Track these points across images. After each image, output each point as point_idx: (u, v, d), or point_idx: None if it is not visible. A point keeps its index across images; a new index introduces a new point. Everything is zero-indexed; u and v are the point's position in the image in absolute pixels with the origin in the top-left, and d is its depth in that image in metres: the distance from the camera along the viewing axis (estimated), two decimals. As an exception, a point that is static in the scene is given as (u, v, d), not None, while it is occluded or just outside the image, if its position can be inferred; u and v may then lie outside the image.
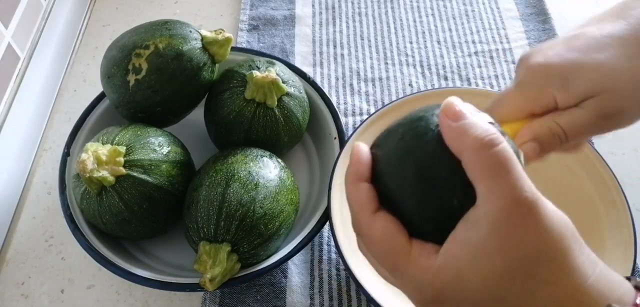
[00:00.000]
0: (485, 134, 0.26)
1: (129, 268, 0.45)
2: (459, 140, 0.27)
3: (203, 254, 0.44)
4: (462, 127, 0.27)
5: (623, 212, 0.48)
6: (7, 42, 0.60)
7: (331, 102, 0.57)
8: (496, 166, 0.25)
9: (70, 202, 0.49)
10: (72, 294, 0.51)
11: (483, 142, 0.26)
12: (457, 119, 0.27)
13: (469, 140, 0.26)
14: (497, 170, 0.25)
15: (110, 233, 0.48)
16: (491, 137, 0.26)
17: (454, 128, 0.27)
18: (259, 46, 0.70)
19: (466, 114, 0.27)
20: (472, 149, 0.26)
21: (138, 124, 0.50)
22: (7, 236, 0.55)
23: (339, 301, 0.50)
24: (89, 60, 0.70)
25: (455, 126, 0.27)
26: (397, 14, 0.75)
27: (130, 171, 0.45)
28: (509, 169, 0.25)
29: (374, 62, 0.69)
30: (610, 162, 0.51)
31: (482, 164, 0.26)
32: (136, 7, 0.77)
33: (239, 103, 0.51)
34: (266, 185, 0.46)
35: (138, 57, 0.49)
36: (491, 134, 0.26)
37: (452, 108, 0.27)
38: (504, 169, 0.25)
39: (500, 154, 0.26)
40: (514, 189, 0.25)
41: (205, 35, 0.52)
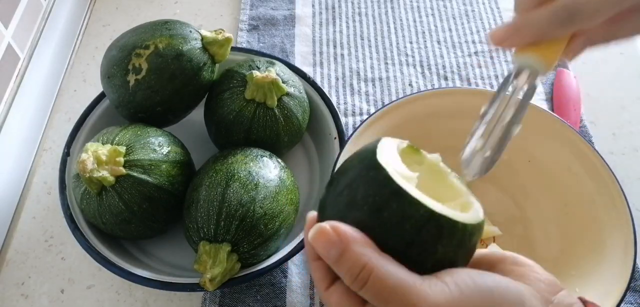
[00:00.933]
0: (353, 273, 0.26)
1: (129, 268, 0.45)
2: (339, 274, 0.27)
3: (203, 254, 0.44)
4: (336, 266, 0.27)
5: (623, 212, 0.48)
6: (7, 42, 0.60)
7: (331, 102, 0.57)
8: (379, 300, 0.26)
9: (70, 202, 0.49)
10: (72, 294, 0.51)
11: (356, 282, 0.26)
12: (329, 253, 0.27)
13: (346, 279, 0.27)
14: (381, 303, 0.26)
15: (110, 233, 0.48)
16: (361, 275, 0.26)
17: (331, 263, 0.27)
18: (259, 46, 0.70)
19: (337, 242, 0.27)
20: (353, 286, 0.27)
21: (138, 124, 0.50)
22: (7, 236, 0.55)
23: (339, 301, 0.49)
24: (89, 60, 0.70)
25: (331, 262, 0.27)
26: (397, 14, 0.75)
27: (130, 171, 0.45)
28: (390, 300, 0.26)
29: (374, 62, 0.69)
30: (610, 162, 0.51)
31: (367, 296, 0.27)
32: (136, 7, 0.77)
33: (239, 103, 0.51)
34: (266, 185, 0.46)
35: (138, 57, 0.49)
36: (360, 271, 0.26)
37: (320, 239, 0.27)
38: (386, 301, 0.26)
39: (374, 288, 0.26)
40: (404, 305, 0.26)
41: (205, 35, 0.52)
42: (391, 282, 0.26)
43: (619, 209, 0.49)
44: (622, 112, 0.64)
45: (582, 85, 0.65)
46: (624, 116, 0.64)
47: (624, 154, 0.60)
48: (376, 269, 0.26)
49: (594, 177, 0.51)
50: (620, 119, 0.64)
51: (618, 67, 0.69)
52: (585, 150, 0.52)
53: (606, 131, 0.62)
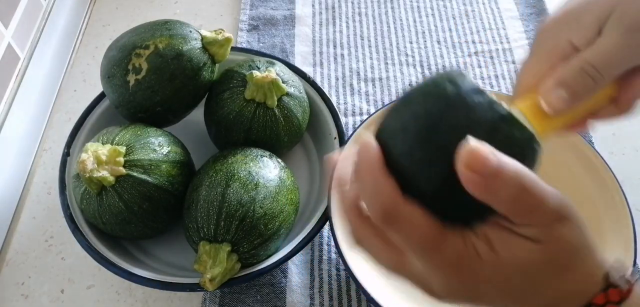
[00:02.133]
0: (513, 183, 0.26)
1: (129, 268, 0.45)
2: (492, 191, 0.26)
3: (203, 254, 0.44)
4: (493, 181, 0.26)
5: (623, 212, 0.48)
6: (7, 42, 0.60)
7: (331, 102, 0.57)
8: (533, 207, 0.27)
9: (70, 202, 0.49)
10: (72, 294, 0.51)
11: (514, 194, 0.26)
12: (484, 170, 0.26)
13: (502, 194, 0.26)
14: (535, 210, 0.27)
15: (110, 233, 0.48)
16: (526, 185, 0.26)
17: (483, 182, 0.26)
18: (259, 46, 0.70)
19: (491, 161, 0.26)
20: (507, 202, 0.26)
21: (138, 124, 0.50)
22: (7, 236, 0.55)
23: (339, 301, 0.50)
24: (89, 60, 0.70)
25: (485, 180, 0.26)
26: (397, 14, 0.75)
27: (130, 171, 0.45)
28: (545, 202, 0.27)
29: (374, 62, 0.69)
30: (610, 162, 0.51)
31: (519, 210, 0.27)
32: (136, 7, 0.77)
33: (239, 103, 0.51)
34: (266, 185, 0.46)
35: (138, 57, 0.49)
36: (520, 181, 0.26)
37: (476, 159, 0.26)
38: (540, 206, 0.27)
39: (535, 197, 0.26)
40: (554, 213, 0.27)
41: (205, 35, 0.52)
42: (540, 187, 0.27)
43: (619, 209, 0.49)
44: (622, 112, 0.64)
45: (582, 85, 0.65)
46: (624, 116, 0.64)
47: (624, 154, 0.60)
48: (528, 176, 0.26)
49: (594, 177, 0.51)
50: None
51: (618, 67, 0.69)
52: (586, 150, 0.52)
53: (606, 131, 0.62)
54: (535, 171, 0.28)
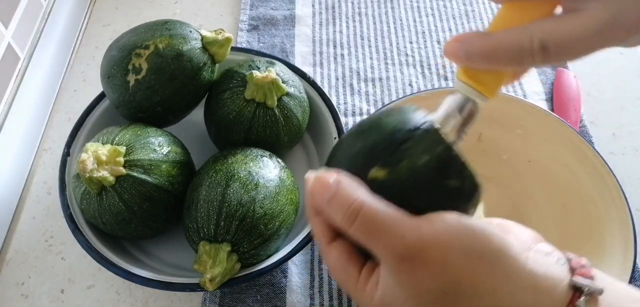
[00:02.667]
0: (346, 206, 0.27)
1: (129, 268, 0.45)
2: (332, 218, 0.28)
3: (203, 254, 0.44)
4: (328, 209, 0.28)
5: (623, 212, 0.48)
6: (7, 42, 0.60)
7: (331, 102, 0.57)
8: (368, 233, 0.27)
9: (70, 202, 0.49)
10: (72, 294, 0.51)
11: (346, 218, 0.27)
12: (322, 198, 0.28)
13: (337, 219, 0.28)
14: (370, 236, 0.27)
15: (110, 233, 0.48)
16: (351, 209, 0.27)
17: (325, 206, 0.28)
18: (259, 46, 0.70)
19: (327, 187, 0.28)
20: (343, 224, 0.28)
21: (138, 124, 0.50)
22: (7, 236, 0.55)
23: (339, 301, 0.50)
24: (89, 60, 0.70)
25: (324, 210, 0.29)
26: (397, 14, 0.75)
27: (130, 171, 0.45)
28: (379, 231, 0.27)
29: (374, 62, 0.69)
30: (610, 162, 0.51)
31: (357, 235, 0.27)
32: (136, 7, 0.77)
33: (239, 103, 0.51)
34: (266, 185, 0.46)
35: (138, 57, 0.49)
36: (351, 205, 0.27)
37: (319, 184, 0.28)
38: (374, 233, 0.27)
39: (364, 221, 0.27)
40: (392, 248, 0.26)
41: (205, 35, 0.52)
42: (380, 216, 0.27)
43: (619, 209, 0.49)
44: (622, 112, 0.64)
45: (582, 85, 0.65)
46: (624, 116, 0.64)
47: (624, 154, 0.60)
48: (366, 204, 0.27)
49: (594, 177, 0.51)
50: (621, 119, 0.64)
51: (618, 67, 0.69)
52: (585, 150, 0.52)
53: (606, 131, 0.62)
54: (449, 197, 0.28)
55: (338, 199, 0.28)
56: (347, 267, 0.30)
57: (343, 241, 0.30)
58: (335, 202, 0.28)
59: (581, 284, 0.27)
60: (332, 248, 0.30)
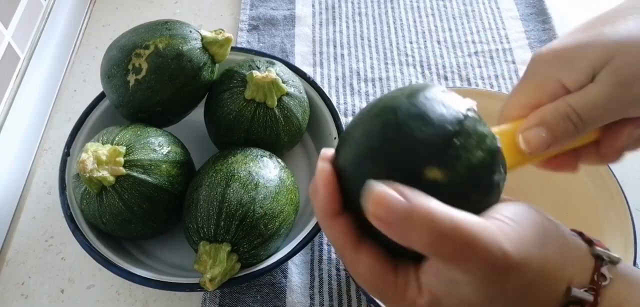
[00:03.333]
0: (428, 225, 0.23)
1: (129, 268, 0.45)
2: (405, 239, 0.24)
3: (203, 254, 0.44)
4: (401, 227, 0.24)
5: (623, 212, 0.48)
6: (7, 42, 0.60)
7: (331, 102, 0.57)
8: (459, 251, 0.23)
9: (70, 202, 0.49)
10: (72, 294, 0.51)
11: (432, 238, 0.23)
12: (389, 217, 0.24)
13: (415, 237, 0.24)
14: (461, 253, 0.23)
15: (110, 233, 0.48)
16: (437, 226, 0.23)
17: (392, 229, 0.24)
18: (259, 46, 0.70)
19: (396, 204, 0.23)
20: (425, 246, 0.24)
21: (138, 124, 0.50)
22: (7, 236, 0.55)
23: (339, 301, 0.50)
24: (89, 60, 0.70)
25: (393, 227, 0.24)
26: (397, 13, 0.75)
27: (130, 171, 0.45)
28: (473, 247, 0.23)
29: (374, 62, 0.69)
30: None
31: (443, 253, 0.24)
32: (136, 7, 0.77)
33: (239, 103, 0.51)
34: (266, 185, 0.46)
35: (138, 57, 0.49)
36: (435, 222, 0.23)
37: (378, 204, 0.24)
38: (467, 249, 0.23)
39: (454, 239, 0.23)
40: (488, 262, 0.24)
41: (205, 35, 0.52)
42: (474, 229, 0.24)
43: (618, 209, 0.49)
44: (622, 112, 0.64)
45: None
46: (624, 116, 0.64)
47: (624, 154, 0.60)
48: (455, 221, 0.23)
49: (593, 177, 0.51)
50: (620, 119, 0.63)
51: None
52: (585, 150, 0.52)
53: (606, 131, 0.62)
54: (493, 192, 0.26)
55: (418, 219, 0.23)
56: (384, 274, 0.26)
57: (371, 244, 0.27)
58: (413, 218, 0.23)
59: (602, 253, 0.27)
60: (362, 255, 0.26)
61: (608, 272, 0.26)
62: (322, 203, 0.27)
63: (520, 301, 0.25)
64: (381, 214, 0.24)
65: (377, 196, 0.24)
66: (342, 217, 0.27)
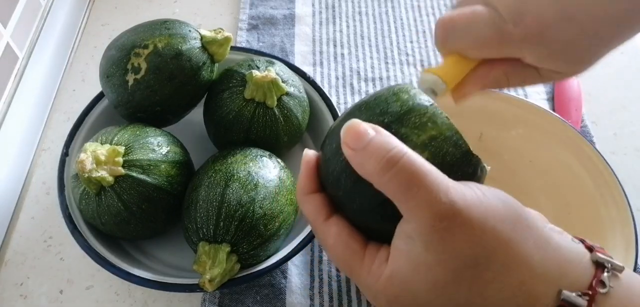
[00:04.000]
0: (383, 154, 0.25)
1: (128, 269, 0.45)
2: (363, 168, 0.26)
3: (202, 254, 0.43)
4: (362, 153, 0.25)
5: (624, 212, 0.48)
6: (5, 41, 0.59)
7: (331, 102, 0.56)
8: (405, 185, 0.24)
9: (69, 202, 0.49)
10: (71, 294, 0.50)
11: (383, 164, 0.25)
12: (356, 144, 0.26)
13: (370, 165, 0.25)
14: (408, 188, 0.24)
15: (109, 233, 0.48)
16: (390, 155, 0.25)
17: (355, 156, 0.26)
18: (259, 45, 0.70)
19: (364, 134, 0.26)
20: (377, 174, 0.25)
21: (137, 124, 0.49)
22: (5, 236, 0.54)
23: (339, 302, 0.49)
24: (87, 59, 0.70)
25: (356, 154, 0.26)
26: (397, 13, 0.75)
27: (129, 171, 0.45)
28: (419, 184, 0.24)
29: (375, 62, 0.69)
30: (611, 162, 0.51)
31: (391, 185, 0.25)
32: (135, 6, 0.77)
33: (239, 103, 0.51)
34: (266, 185, 0.45)
35: (137, 57, 0.49)
36: (390, 152, 0.25)
37: (351, 132, 0.26)
38: (413, 185, 0.24)
39: (404, 171, 0.24)
40: (431, 204, 0.24)
41: (204, 35, 0.52)
42: (424, 168, 0.24)
43: (620, 210, 0.49)
44: (624, 112, 0.64)
45: (583, 85, 0.65)
46: (626, 116, 0.64)
47: (625, 154, 0.60)
48: (408, 153, 0.25)
49: (595, 177, 0.51)
50: (622, 118, 0.63)
51: (620, 67, 0.69)
52: (587, 150, 0.52)
53: (607, 131, 0.62)
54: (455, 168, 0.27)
55: (376, 143, 0.25)
56: (350, 243, 0.28)
57: (342, 218, 0.28)
58: (372, 146, 0.25)
59: (603, 260, 0.26)
60: (331, 224, 0.28)
61: (609, 281, 0.26)
62: (300, 182, 0.30)
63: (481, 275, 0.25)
64: (349, 140, 0.26)
65: (351, 124, 0.26)
66: (317, 194, 0.29)
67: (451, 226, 0.24)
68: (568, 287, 0.25)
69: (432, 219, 0.24)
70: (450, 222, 0.24)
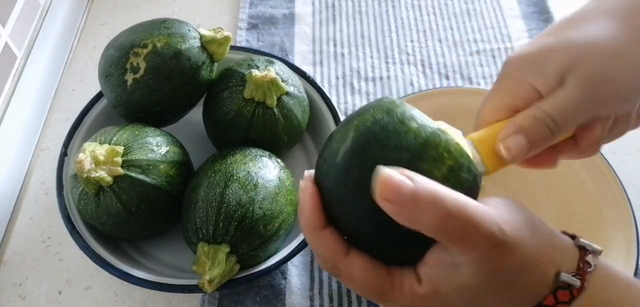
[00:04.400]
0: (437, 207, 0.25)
1: (127, 269, 0.45)
2: (416, 223, 0.26)
3: (202, 255, 0.43)
4: (412, 209, 0.25)
5: (625, 212, 0.48)
6: (4, 41, 0.59)
7: (331, 101, 0.56)
8: (463, 231, 0.25)
9: (68, 202, 0.49)
10: (70, 295, 0.50)
11: (442, 219, 0.25)
12: (398, 198, 0.25)
13: (425, 220, 0.25)
14: (466, 233, 0.26)
15: (108, 234, 0.48)
16: (446, 210, 0.25)
17: (402, 211, 0.26)
18: (259, 45, 0.70)
19: (402, 186, 0.25)
20: (434, 228, 0.26)
21: (136, 124, 0.49)
22: (4, 237, 0.54)
23: (339, 303, 0.49)
24: (86, 59, 0.70)
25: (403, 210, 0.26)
26: (397, 12, 0.75)
27: (128, 171, 0.45)
28: (476, 228, 0.25)
29: (375, 61, 0.69)
30: (612, 162, 0.50)
31: (448, 235, 0.26)
32: (134, 6, 0.76)
33: (238, 102, 0.51)
34: (265, 185, 0.45)
35: (136, 56, 0.49)
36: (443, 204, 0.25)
37: (386, 187, 0.25)
38: (471, 230, 0.25)
39: (460, 220, 0.25)
40: (488, 241, 0.26)
41: (203, 34, 0.51)
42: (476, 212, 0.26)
43: (621, 209, 0.49)
44: (625, 111, 0.64)
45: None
46: (627, 115, 0.63)
47: (626, 154, 0.60)
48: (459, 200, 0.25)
49: (596, 177, 0.51)
50: (623, 118, 0.63)
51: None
52: (588, 150, 0.51)
53: (608, 131, 0.62)
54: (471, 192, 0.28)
55: (424, 196, 0.25)
56: (379, 273, 0.28)
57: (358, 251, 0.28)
58: (422, 201, 0.25)
59: (585, 244, 0.30)
60: (354, 258, 0.28)
61: (593, 260, 0.29)
62: (309, 218, 0.29)
63: (514, 283, 0.28)
64: (389, 195, 0.25)
65: (385, 177, 0.25)
66: (329, 230, 0.29)
67: (503, 252, 0.26)
68: (565, 270, 0.29)
69: (488, 252, 0.26)
70: (502, 250, 0.26)
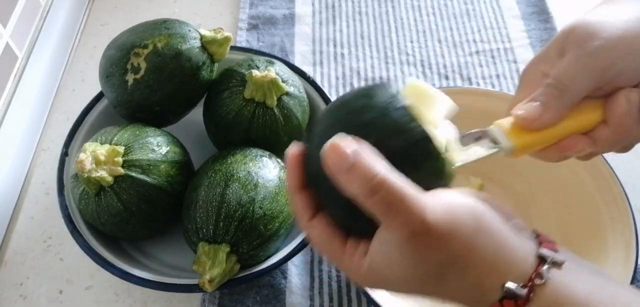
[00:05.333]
0: (368, 180, 0.27)
1: (128, 269, 0.45)
2: (348, 187, 0.28)
3: (202, 254, 0.43)
4: (346, 176, 0.28)
5: (625, 212, 0.48)
6: (5, 41, 0.59)
7: (331, 101, 0.56)
8: (387, 208, 0.28)
9: (69, 202, 0.49)
10: (71, 294, 0.50)
11: (367, 190, 0.27)
12: (341, 164, 0.28)
13: (355, 187, 0.28)
14: (389, 210, 0.28)
15: (109, 234, 0.48)
16: (374, 183, 0.27)
17: (341, 175, 0.28)
18: (259, 45, 0.70)
19: (350, 155, 0.28)
20: (361, 195, 0.28)
21: (137, 124, 0.49)
22: (5, 237, 0.54)
23: (339, 303, 0.49)
24: (87, 59, 0.70)
25: (342, 174, 0.28)
26: (397, 13, 0.75)
27: (128, 171, 0.45)
28: (398, 208, 0.27)
29: (375, 62, 0.69)
30: (612, 162, 0.50)
31: (374, 208, 0.28)
32: (135, 6, 0.76)
33: (238, 103, 0.51)
34: (265, 185, 0.45)
35: (137, 57, 0.49)
36: (373, 179, 0.27)
37: (336, 153, 0.28)
38: (393, 208, 0.27)
39: (386, 197, 0.27)
40: (407, 224, 0.28)
41: (204, 35, 0.52)
42: (401, 194, 0.27)
43: (620, 209, 0.49)
44: (624, 111, 0.64)
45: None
46: (626, 116, 0.63)
47: (626, 154, 0.60)
48: (388, 180, 0.27)
49: (595, 177, 0.51)
50: (622, 118, 0.63)
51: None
52: (587, 150, 0.52)
53: (608, 131, 0.62)
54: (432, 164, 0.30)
55: (358, 170, 0.27)
56: (331, 241, 0.31)
57: (323, 217, 0.31)
58: (355, 172, 0.28)
59: (545, 255, 0.30)
60: (315, 221, 0.32)
61: (547, 274, 0.29)
62: (289, 180, 0.32)
63: (444, 277, 0.29)
64: (331, 159, 0.28)
65: (334, 143, 0.28)
66: (304, 191, 0.32)
67: (423, 240, 0.28)
68: (513, 280, 0.29)
69: (407, 236, 0.28)
70: (422, 237, 0.28)
